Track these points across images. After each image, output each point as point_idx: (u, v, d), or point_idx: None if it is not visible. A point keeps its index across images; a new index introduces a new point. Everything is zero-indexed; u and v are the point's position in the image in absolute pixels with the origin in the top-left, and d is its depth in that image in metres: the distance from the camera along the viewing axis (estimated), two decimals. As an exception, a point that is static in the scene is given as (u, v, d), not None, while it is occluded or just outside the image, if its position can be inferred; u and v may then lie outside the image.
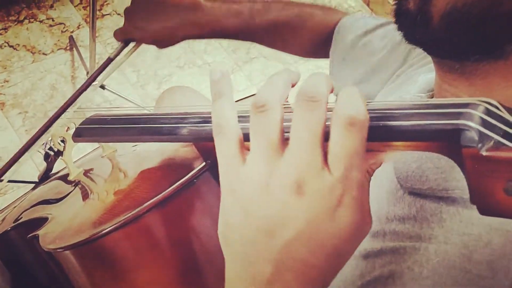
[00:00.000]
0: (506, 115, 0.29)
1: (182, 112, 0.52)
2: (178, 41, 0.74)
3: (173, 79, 1.81)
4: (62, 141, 0.77)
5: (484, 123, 0.28)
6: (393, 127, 0.31)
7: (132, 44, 0.79)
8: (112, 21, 1.90)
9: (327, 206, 0.30)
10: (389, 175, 0.47)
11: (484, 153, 0.27)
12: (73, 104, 0.89)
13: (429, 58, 0.45)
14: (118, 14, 1.93)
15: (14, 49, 1.75)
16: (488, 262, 0.38)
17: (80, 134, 0.69)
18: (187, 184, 0.51)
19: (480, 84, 0.40)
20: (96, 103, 1.69)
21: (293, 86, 0.34)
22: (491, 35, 0.36)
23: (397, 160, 0.46)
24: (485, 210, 0.29)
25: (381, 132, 0.32)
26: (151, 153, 0.72)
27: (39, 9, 1.86)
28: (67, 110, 0.87)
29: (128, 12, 0.74)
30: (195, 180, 0.52)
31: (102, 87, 1.60)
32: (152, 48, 1.94)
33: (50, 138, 0.79)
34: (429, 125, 0.29)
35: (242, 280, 0.34)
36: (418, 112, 0.30)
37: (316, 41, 0.81)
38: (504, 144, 0.27)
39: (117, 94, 1.66)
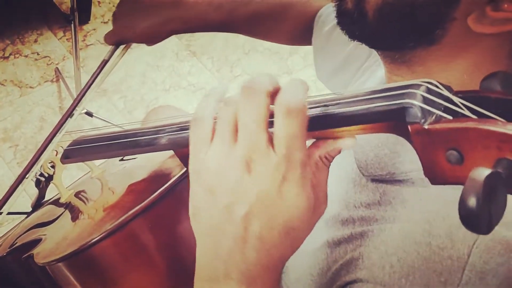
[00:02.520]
0: (445, 92, 0.32)
1: (160, 124, 0.55)
2: (165, 37, 0.77)
3: (159, 102, 1.84)
4: (52, 166, 0.79)
5: (426, 100, 0.31)
6: (345, 113, 0.34)
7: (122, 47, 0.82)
8: (96, 51, 1.94)
9: (274, 182, 0.34)
10: (352, 166, 0.50)
11: (426, 127, 0.30)
12: (64, 125, 0.92)
13: None
14: (102, 43, 1.97)
15: (2, 84, 1.78)
16: (447, 233, 0.41)
17: (68, 156, 0.72)
18: (169, 190, 0.53)
19: (420, 71, 0.44)
20: (85, 130, 1.71)
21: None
22: (421, 22, 0.40)
23: (356, 151, 0.50)
24: (435, 180, 0.32)
25: (334, 119, 0.35)
26: (138, 168, 0.75)
27: (24, 44, 1.90)
28: (61, 128, 0.90)
29: (115, 16, 0.78)
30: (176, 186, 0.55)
31: (90, 114, 1.63)
32: (138, 73, 1.96)
33: (40, 165, 0.82)
34: (376, 107, 0.33)
35: (207, 255, 0.37)
36: (366, 98, 0.34)
37: (298, 29, 0.82)
38: (444, 117, 0.30)
39: (105, 121, 1.69)
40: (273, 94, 0.35)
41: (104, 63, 0.84)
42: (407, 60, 0.44)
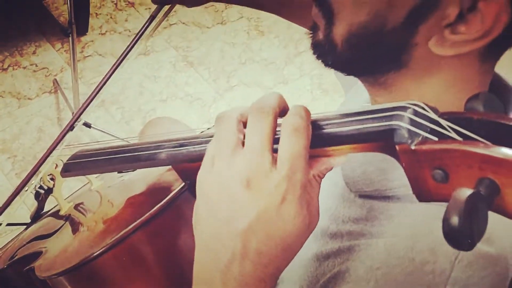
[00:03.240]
0: (431, 114, 0.33)
1: (159, 140, 0.56)
2: (204, 2, 0.80)
3: (157, 113, 1.86)
4: (52, 178, 0.81)
5: (413, 122, 0.33)
6: (336, 133, 0.36)
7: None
8: (94, 62, 1.95)
9: (273, 201, 0.35)
10: (341, 182, 0.52)
11: (413, 147, 0.32)
12: (64, 138, 0.94)
13: None
14: (100, 55, 1.98)
15: (0, 96, 1.79)
16: (430, 249, 0.42)
17: (68, 169, 0.73)
18: (168, 204, 0.55)
19: (396, 91, 0.46)
20: (84, 142, 1.73)
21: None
22: (386, 50, 0.43)
23: (344, 168, 0.51)
24: (421, 196, 0.33)
25: (326, 139, 0.37)
26: (137, 181, 0.76)
27: (22, 56, 1.91)
28: (63, 139, 0.92)
29: None
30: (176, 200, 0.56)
31: (88, 125, 1.64)
32: (135, 84, 1.97)
33: (40, 177, 0.83)
34: (366, 128, 0.34)
35: (206, 265, 0.39)
36: (357, 119, 0.35)
37: None
38: (429, 139, 0.32)
39: (103, 132, 1.70)
40: (280, 114, 0.38)
41: (152, 18, 0.89)
42: (383, 83, 0.46)
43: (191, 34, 2.15)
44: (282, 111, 0.39)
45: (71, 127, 1.18)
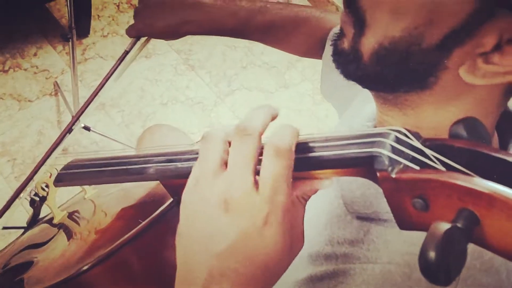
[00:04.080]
0: (413, 141, 0.33)
1: (149, 153, 0.56)
2: (181, 36, 0.81)
3: (157, 116, 1.86)
4: (46, 186, 0.81)
5: (394, 150, 0.32)
6: (318, 157, 0.36)
7: (142, 40, 0.87)
8: (95, 64, 1.96)
9: (254, 224, 0.35)
10: (338, 201, 0.51)
11: (393, 175, 0.31)
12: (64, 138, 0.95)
13: None
14: (101, 57, 1.99)
15: (1, 98, 1.79)
16: None
17: (61, 180, 0.73)
18: (157, 219, 0.54)
19: (411, 114, 0.45)
20: (83, 145, 1.73)
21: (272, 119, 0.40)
22: (414, 69, 0.41)
23: (343, 188, 0.51)
24: (403, 224, 0.33)
25: (309, 162, 0.36)
26: (131, 191, 0.76)
27: (23, 58, 1.92)
28: (60, 143, 0.93)
29: (137, 11, 0.82)
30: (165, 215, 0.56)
31: (88, 129, 1.64)
32: (136, 87, 1.97)
33: (34, 185, 0.83)
34: (349, 154, 0.34)
35: (185, 279, 0.39)
36: (340, 144, 0.35)
37: (311, 43, 0.83)
38: (410, 167, 0.32)
39: (103, 135, 1.70)
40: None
41: (125, 53, 0.89)
42: (399, 103, 0.45)
43: (192, 37, 2.15)
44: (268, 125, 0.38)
45: (69, 130, 1.19)
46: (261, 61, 2.12)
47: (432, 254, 0.26)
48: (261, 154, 0.37)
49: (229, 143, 0.39)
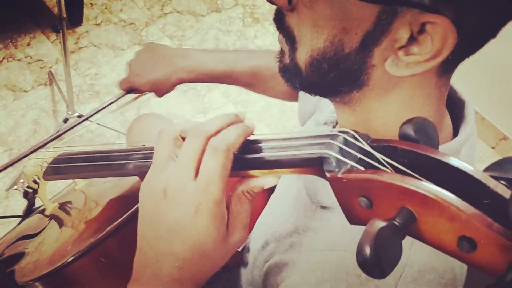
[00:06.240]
0: (360, 143, 0.35)
1: (129, 148, 0.58)
2: (173, 86, 0.87)
3: (151, 103, 1.87)
4: (37, 179, 0.83)
5: (342, 151, 0.35)
6: (271, 157, 0.38)
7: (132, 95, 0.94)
8: (89, 53, 1.97)
9: (187, 211, 0.40)
10: (305, 191, 0.54)
11: (340, 175, 0.34)
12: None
13: None
14: (94, 46, 2.00)
15: (-4, 89, 1.81)
16: None
17: (49, 173, 0.76)
18: (135, 213, 0.57)
19: (359, 109, 0.48)
20: (79, 133, 1.75)
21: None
22: (346, 71, 0.45)
23: (306, 179, 0.53)
24: (351, 220, 0.35)
25: (259, 162, 0.39)
26: (119, 183, 0.78)
27: (17, 48, 1.93)
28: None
29: (131, 63, 0.87)
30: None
31: (87, 119, 1.66)
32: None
33: (25, 178, 0.86)
34: (300, 155, 0.36)
35: (138, 264, 0.45)
36: (292, 145, 0.37)
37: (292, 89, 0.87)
38: (356, 168, 0.34)
39: (98, 124, 1.72)
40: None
41: (110, 103, 0.96)
42: (347, 102, 0.48)
43: (186, 22, 2.16)
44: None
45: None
46: (254, 45, 2.12)
47: (367, 250, 0.28)
48: None
49: (184, 138, 0.43)
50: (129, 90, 0.92)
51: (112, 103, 0.95)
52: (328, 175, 0.34)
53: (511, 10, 0.39)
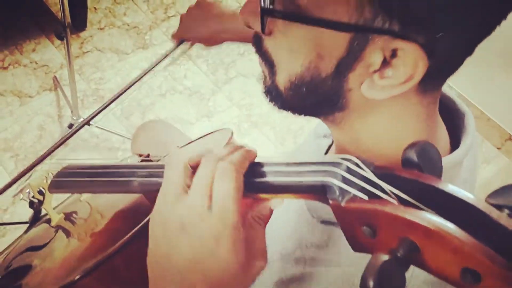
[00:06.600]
0: (364, 171, 0.35)
1: (135, 164, 0.59)
2: (219, 43, 0.92)
3: (156, 107, 1.88)
4: (43, 190, 0.84)
5: (345, 180, 0.35)
6: (274, 182, 0.38)
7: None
8: (93, 57, 1.97)
9: (207, 243, 0.39)
10: (305, 207, 0.54)
11: (343, 204, 0.34)
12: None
13: None
14: (99, 50, 2.00)
15: (1, 95, 1.82)
16: None
17: (54, 186, 0.76)
18: (141, 230, 0.57)
19: (347, 128, 0.49)
20: (84, 138, 1.76)
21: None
22: (324, 95, 0.45)
23: None
24: (355, 247, 0.36)
25: (264, 186, 0.39)
26: (124, 194, 0.78)
27: (22, 53, 1.94)
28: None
29: (183, 18, 0.95)
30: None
31: (88, 123, 1.67)
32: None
33: (31, 188, 0.86)
34: (304, 182, 0.36)
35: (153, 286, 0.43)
36: (295, 171, 0.37)
37: None
38: (359, 197, 0.34)
39: (103, 129, 1.73)
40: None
41: (165, 56, 1.06)
42: (332, 121, 0.49)
43: (189, 25, 2.16)
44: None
45: (74, 131, 1.24)
46: (258, 48, 2.12)
47: (370, 283, 0.28)
48: None
49: (193, 167, 0.43)
50: (180, 41, 0.99)
51: (165, 57, 1.05)
52: (330, 203, 0.34)
53: (483, 30, 0.40)
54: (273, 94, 0.48)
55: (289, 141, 1.85)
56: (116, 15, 2.13)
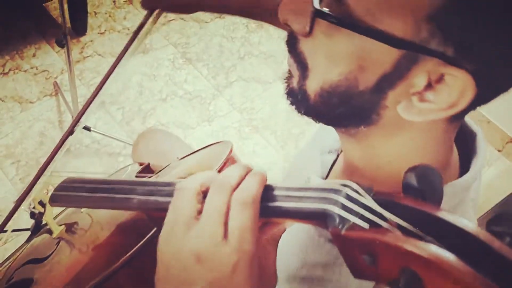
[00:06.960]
0: (363, 198, 0.35)
1: (135, 181, 0.58)
2: (192, 11, 0.83)
3: (157, 112, 1.88)
4: (44, 202, 0.84)
5: (344, 207, 0.34)
6: (280, 207, 0.38)
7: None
8: (93, 62, 1.97)
9: (223, 273, 0.37)
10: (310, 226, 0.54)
11: (343, 232, 0.34)
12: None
13: None
14: (99, 55, 2.00)
15: (2, 101, 1.82)
16: None
17: (54, 200, 0.76)
18: (144, 246, 0.57)
19: (366, 144, 0.48)
20: (85, 144, 1.76)
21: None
22: (357, 109, 0.44)
23: None
24: (356, 274, 0.35)
25: (272, 211, 0.39)
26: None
27: (23, 59, 1.94)
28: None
29: None
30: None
31: (88, 129, 1.67)
32: (135, 84, 1.98)
33: (32, 200, 0.86)
34: (305, 208, 0.36)
35: None
36: (299, 196, 0.37)
37: None
38: (359, 225, 0.34)
39: (103, 135, 1.73)
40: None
41: (141, 26, 0.93)
42: (353, 134, 0.47)
43: (189, 29, 2.16)
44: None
45: (71, 132, 1.23)
46: (259, 51, 2.12)
47: None
48: None
49: (204, 192, 0.41)
50: (151, 10, 0.88)
51: (139, 30, 0.93)
52: (330, 230, 0.34)
53: None
54: (299, 97, 0.46)
55: (290, 145, 1.85)
56: (116, 20, 2.13)
